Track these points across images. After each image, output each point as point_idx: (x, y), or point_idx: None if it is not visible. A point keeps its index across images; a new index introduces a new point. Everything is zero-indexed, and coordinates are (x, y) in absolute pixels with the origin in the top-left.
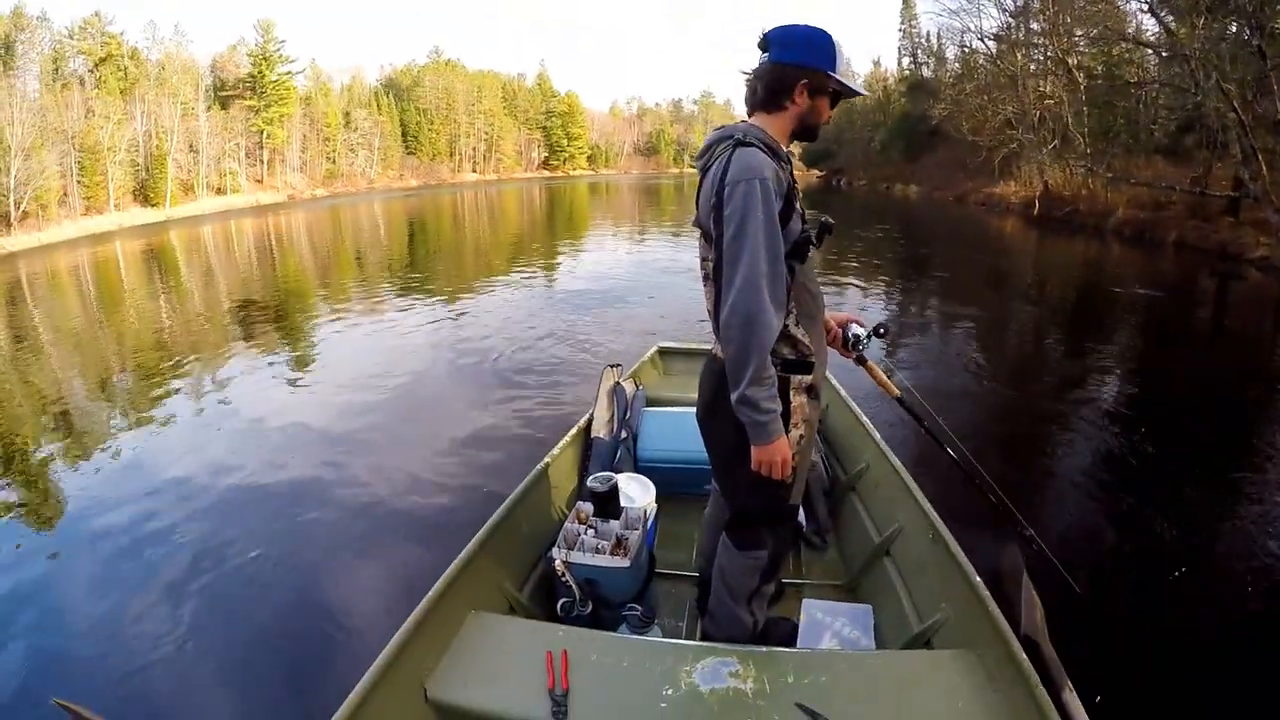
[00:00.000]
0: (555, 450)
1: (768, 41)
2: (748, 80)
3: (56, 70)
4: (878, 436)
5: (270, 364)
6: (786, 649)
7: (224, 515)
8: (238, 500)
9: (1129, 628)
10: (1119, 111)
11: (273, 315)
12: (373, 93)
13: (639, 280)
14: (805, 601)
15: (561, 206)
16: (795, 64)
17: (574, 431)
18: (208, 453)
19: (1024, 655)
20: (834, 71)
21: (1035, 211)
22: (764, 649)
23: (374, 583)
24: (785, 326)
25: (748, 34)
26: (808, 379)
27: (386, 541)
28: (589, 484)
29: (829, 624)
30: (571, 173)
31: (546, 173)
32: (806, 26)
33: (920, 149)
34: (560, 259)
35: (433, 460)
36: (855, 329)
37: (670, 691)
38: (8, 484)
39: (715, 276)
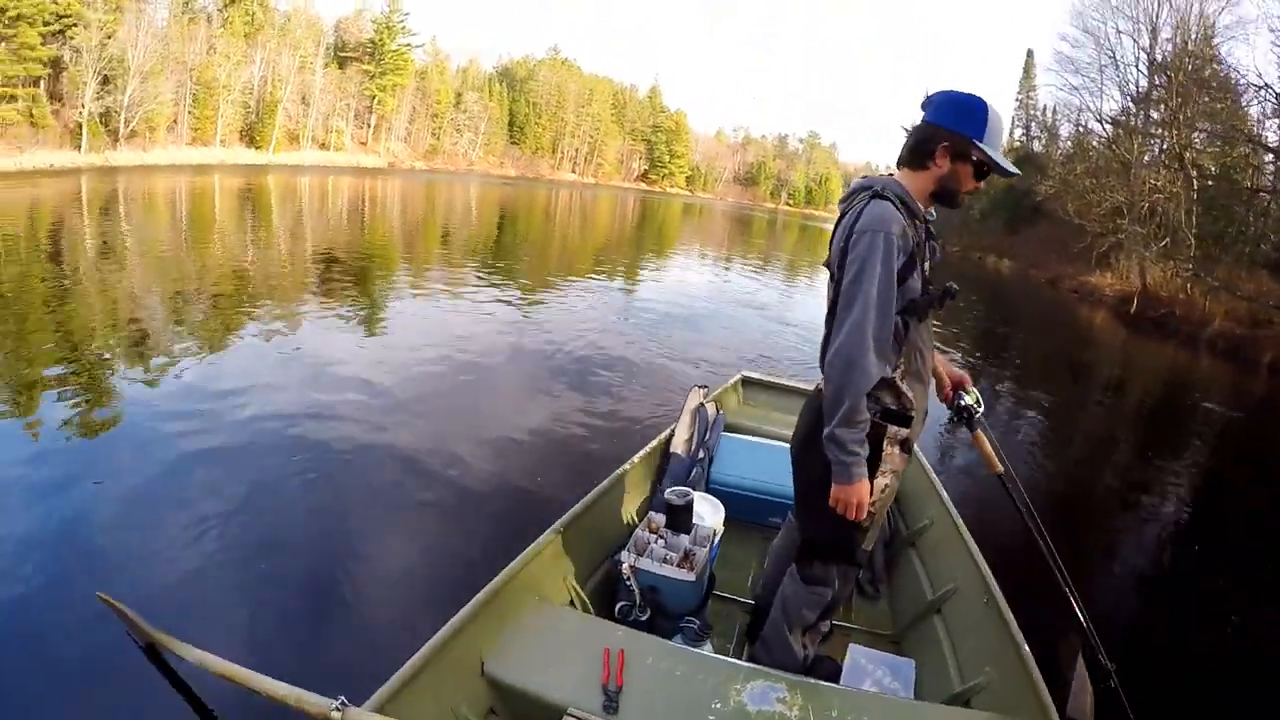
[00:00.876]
0: (634, 459)
1: (928, 102)
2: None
3: (187, 4)
4: (945, 496)
5: (347, 320)
6: (833, 685)
7: (287, 458)
8: (303, 445)
9: None
10: (1234, 217)
11: (354, 274)
12: (487, 79)
13: (718, 309)
14: (851, 646)
15: (653, 221)
16: (941, 126)
17: (654, 444)
18: (276, 392)
19: None
20: (980, 140)
21: (1133, 309)
22: (812, 681)
23: (433, 554)
24: (892, 379)
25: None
26: (904, 432)
27: (446, 516)
28: (666, 495)
29: (871, 671)
30: (668, 189)
31: (644, 185)
32: (965, 93)
33: (1020, 224)
34: (644, 273)
35: (500, 444)
36: (965, 397)
37: (719, 706)
38: (75, 390)
39: (829, 316)
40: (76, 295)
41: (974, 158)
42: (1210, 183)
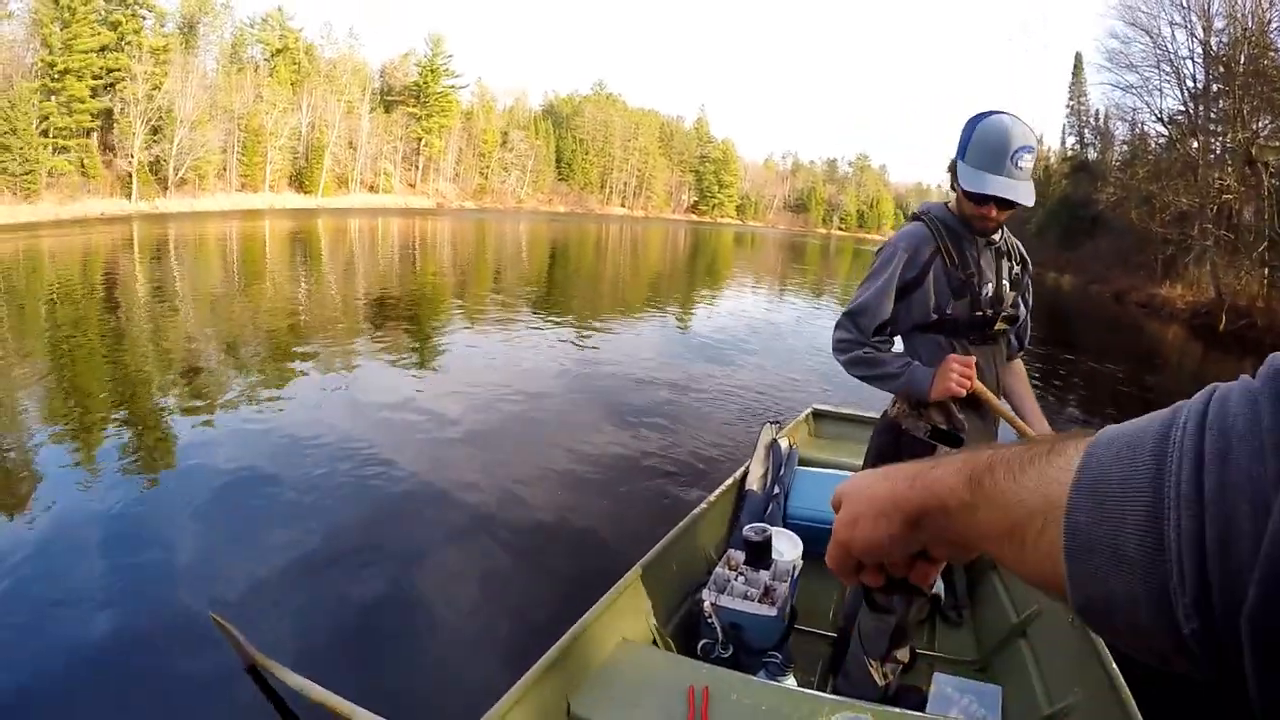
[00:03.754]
0: (711, 498)
1: None
2: None
3: (234, 55)
4: None
5: (407, 361)
6: (917, 713)
7: (365, 498)
8: (380, 486)
9: None
10: None
11: (409, 315)
12: (533, 117)
13: (777, 340)
14: (936, 675)
15: (705, 252)
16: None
17: (729, 482)
18: (348, 434)
19: None
20: (962, 159)
21: (1221, 326)
22: (897, 710)
23: (516, 596)
24: (944, 399)
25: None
26: (955, 452)
27: (526, 558)
28: (744, 533)
29: (957, 700)
30: (719, 220)
31: (694, 216)
32: (979, 115)
33: (1079, 236)
34: (700, 306)
35: (575, 484)
36: None
37: None
38: (146, 426)
39: None
40: (131, 340)
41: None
42: (1276, 181)
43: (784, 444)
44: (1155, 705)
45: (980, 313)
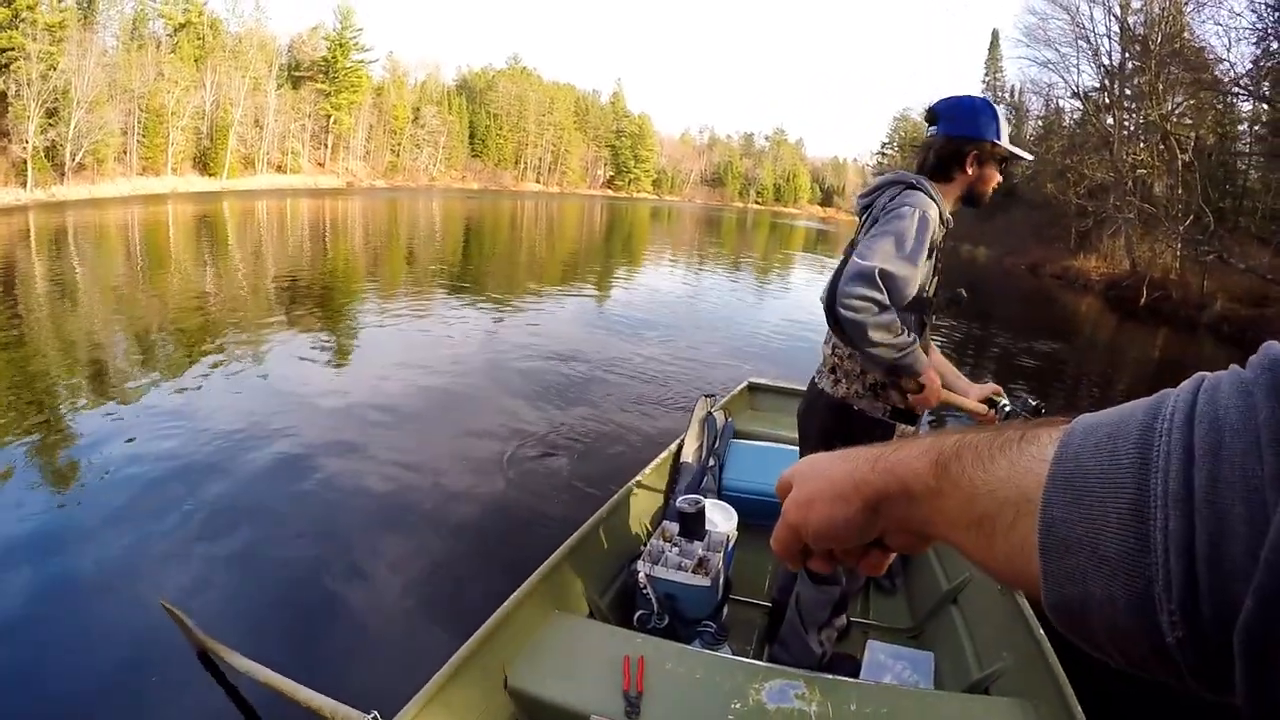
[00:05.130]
0: (645, 471)
1: (935, 114)
2: (918, 149)
3: (135, 30)
4: None
5: (314, 345)
6: (851, 679)
7: (291, 485)
8: (312, 471)
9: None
10: (1226, 191)
11: (318, 298)
12: (445, 92)
13: (699, 314)
14: (870, 642)
15: (622, 227)
16: (965, 136)
17: (664, 455)
18: (251, 422)
19: (1079, 709)
20: (999, 140)
21: (1142, 300)
22: (830, 676)
23: (454, 571)
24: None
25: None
26: (912, 430)
27: (461, 535)
28: (678, 504)
29: (890, 666)
30: (635, 194)
31: (610, 192)
32: (970, 98)
33: (993, 209)
34: (621, 281)
35: (508, 461)
36: (1008, 405)
37: (738, 706)
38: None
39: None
40: (34, 338)
41: (1000, 156)
42: (1188, 157)
43: (719, 417)
44: (1080, 669)
45: (924, 293)
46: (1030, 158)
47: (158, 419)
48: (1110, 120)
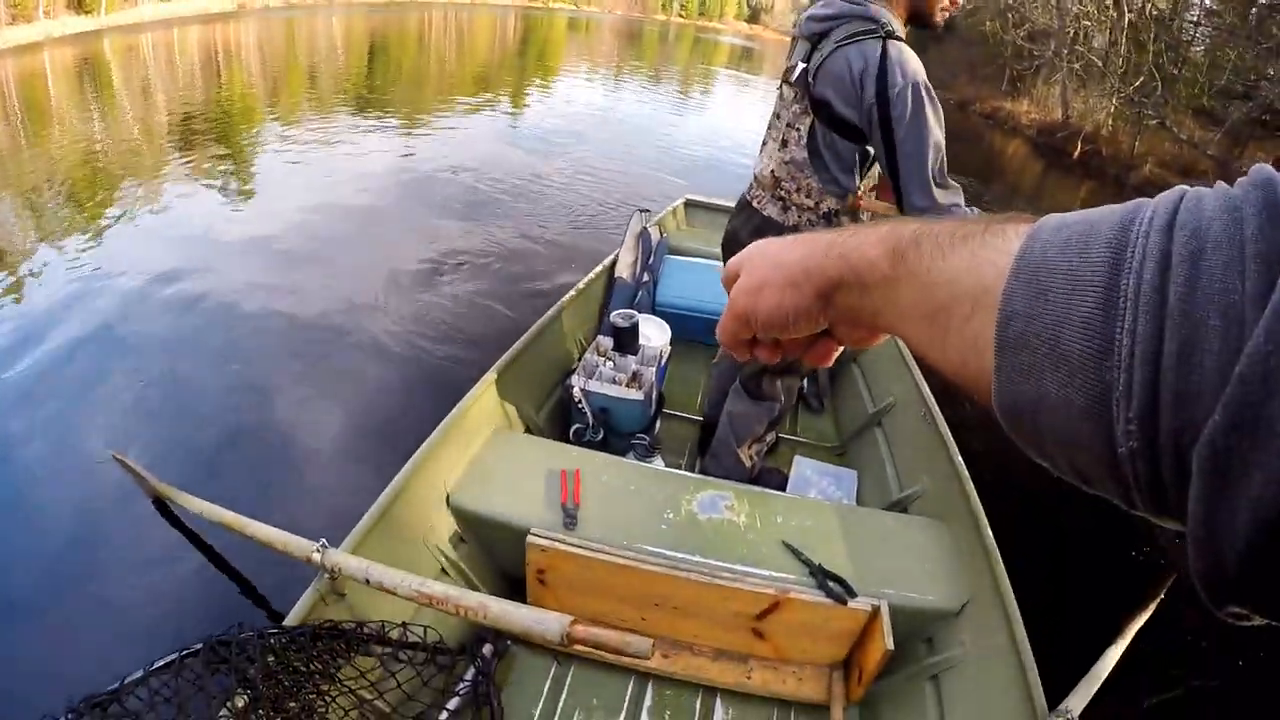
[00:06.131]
0: (579, 286)
1: None
2: None
3: None
4: None
5: (219, 185)
6: (778, 492)
7: (219, 333)
8: (224, 318)
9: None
10: (1176, 60)
11: (217, 134)
12: None
13: (625, 129)
14: (797, 458)
15: (538, 40)
16: None
17: (598, 270)
18: (165, 272)
19: (990, 533)
20: None
21: (1076, 152)
22: (758, 489)
23: (393, 400)
24: (856, 205)
25: None
26: None
27: (398, 363)
28: (612, 319)
29: (816, 481)
30: (551, 5)
31: (526, 2)
32: None
33: (925, 41)
34: (540, 97)
35: (439, 284)
36: None
37: (671, 515)
38: None
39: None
40: None
41: None
42: (1134, 15)
43: (654, 232)
44: (992, 492)
45: None
46: None
47: (63, 282)
48: None
